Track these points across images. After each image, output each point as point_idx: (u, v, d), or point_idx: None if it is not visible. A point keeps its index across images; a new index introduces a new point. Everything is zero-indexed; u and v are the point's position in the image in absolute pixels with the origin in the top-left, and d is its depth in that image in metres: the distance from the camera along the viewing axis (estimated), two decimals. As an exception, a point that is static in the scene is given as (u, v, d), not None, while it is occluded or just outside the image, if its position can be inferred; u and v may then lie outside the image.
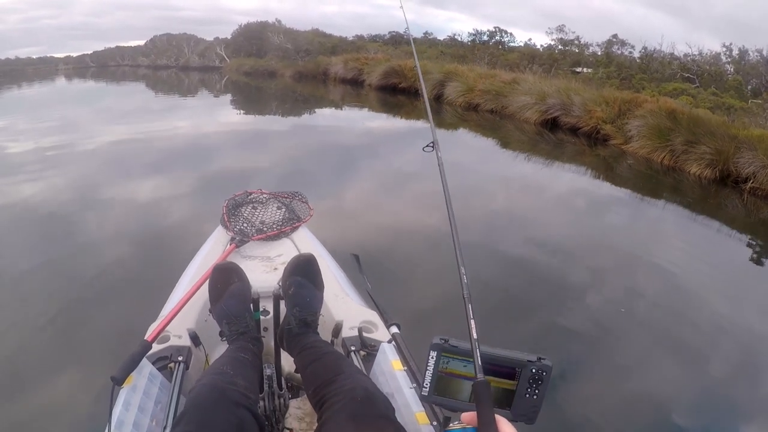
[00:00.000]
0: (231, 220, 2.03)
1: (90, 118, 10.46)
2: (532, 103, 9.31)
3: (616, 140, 7.71)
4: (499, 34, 24.83)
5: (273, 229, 2.01)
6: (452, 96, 11.63)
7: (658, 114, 7.12)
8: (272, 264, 1.79)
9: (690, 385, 2.35)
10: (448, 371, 0.75)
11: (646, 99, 8.13)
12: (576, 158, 7.41)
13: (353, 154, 6.90)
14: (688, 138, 6.42)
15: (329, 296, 1.57)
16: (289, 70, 21.86)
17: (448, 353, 0.74)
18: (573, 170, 6.70)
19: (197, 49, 35.12)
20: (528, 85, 10.01)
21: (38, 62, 49.29)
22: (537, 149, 7.78)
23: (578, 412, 2.09)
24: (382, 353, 1.33)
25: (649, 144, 6.95)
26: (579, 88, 9.32)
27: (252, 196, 2.26)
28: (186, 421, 0.90)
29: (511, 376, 0.72)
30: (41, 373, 2.12)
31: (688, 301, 3.09)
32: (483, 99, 10.72)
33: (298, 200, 2.29)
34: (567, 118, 8.72)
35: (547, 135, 8.65)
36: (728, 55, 16.47)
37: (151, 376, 1.21)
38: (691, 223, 4.84)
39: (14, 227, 3.94)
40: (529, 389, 0.71)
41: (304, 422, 1.45)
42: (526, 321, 2.73)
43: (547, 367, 0.71)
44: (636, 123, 7.35)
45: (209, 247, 1.94)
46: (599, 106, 8.26)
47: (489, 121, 10.01)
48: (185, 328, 1.44)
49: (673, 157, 6.60)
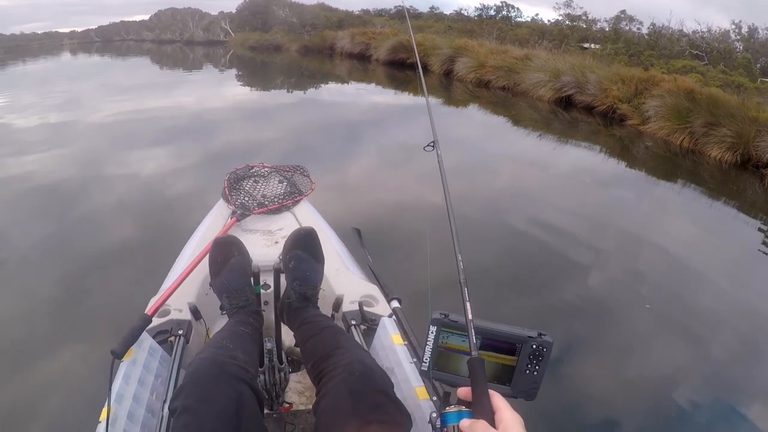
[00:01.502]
0: (232, 194, 2.03)
1: (94, 93, 10.47)
2: (546, 81, 9.12)
3: (632, 120, 7.54)
4: (506, 9, 24.80)
5: (274, 203, 2.01)
6: (462, 72, 11.45)
7: (676, 94, 6.94)
8: (273, 238, 1.79)
9: (701, 368, 2.36)
10: (448, 346, 0.75)
11: (664, 78, 7.91)
12: (590, 138, 7.28)
13: (357, 129, 6.88)
14: (708, 120, 6.24)
15: (330, 270, 1.57)
16: (295, 45, 21.64)
17: (448, 328, 0.74)
18: (587, 150, 6.60)
19: (202, 24, 34.94)
20: (541, 61, 9.79)
21: (43, 37, 49.63)
22: (550, 128, 7.65)
23: (581, 390, 2.10)
24: (382, 327, 1.33)
25: (668, 125, 6.76)
26: (594, 65, 9.10)
27: (254, 170, 2.26)
28: (185, 395, 0.90)
29: (512, 352, 0.72)
30: (41, 347, 2.16)
31: (702, 287, 3.07)
32: (494, 75, 10.54)
33: (300, 174, 2.28)
34: (581, 96, 8.54)
35: (561, 114, 8.50)
36: (737, 32, 16.37)
37: (151, 349, 1.22)
38: (708, 208, 4.77)
39: (16, 201, 3.98)
40: (530, 365, 0.71)
41: (304, 396, 1.46)
42: (542, 298, 2.74)
43: (547, 343, 0.71)
44: (654, 103, 7.17)
45: (210, 221, 1.94)
46: (615, 84, 8.06)
47: (500, 98, 9.84)
48: (186, 301, 1.45)
49: (693, 140, 6.43)
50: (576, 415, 2.00)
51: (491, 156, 5.98)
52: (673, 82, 7.54)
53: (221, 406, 0.90)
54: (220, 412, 0.89)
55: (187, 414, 0.87)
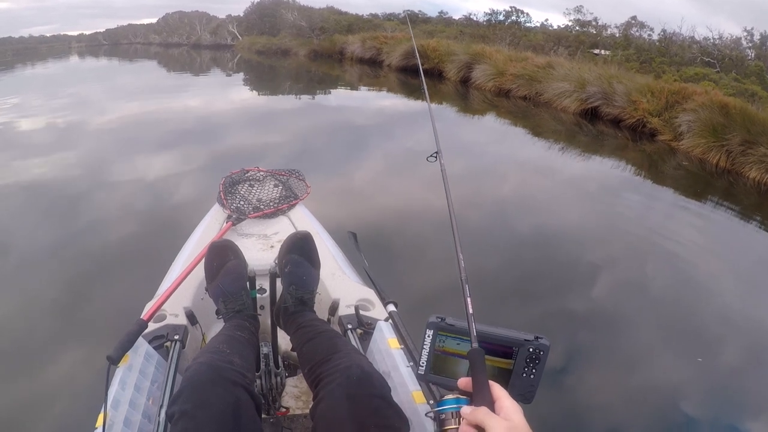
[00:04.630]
0: (228, 198, 2.13)
1: (100, 97, 10.89)
2: (571, 91, 9.16)
3: (664, 136, 7.46)
4: (516, 14, 25.48)
5: (270, 207, 2.10)
6: (481, 80, 11.56)
7: (710, 108, 6.85)
8: (269, 242, 1.87)
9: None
10: (445, 350, 0.79)
11: (695, 90, 7.82)
12: (618, 153, 7.18)
13: (361, 135, 7.10)
14: (744, 137, 6.12)
15: (326, 274, 1.64)
16: (304, 49, 22.09)
17: (445, 332, 0.78)
18: (615, 167, 6.51)
19: (209, 27, 35.90)
20: (564, 70, 9.84)
21: (51, 40, 52.08)
22: (575, 141, 7.63)
23: (584, 399, 2.15)
24: (378, 331, 1.38)
25: (703, 143, 6.64)
26: (621, 75, 9.10)
27: (249, 174, 2.36)
28: (182, 399, 0.95)
29: (509, 355, 0.76)
30: (37, 353, 2.23)
31: (737, 323, 3.04)
32: (515, 84, 10.60)
33: (296, 178, 2.38)
34: (608, 108, 8.54)
35: (585, 126, 8.50)
36: (749, 39, 16.71)
37: (147, 355, 1.27)
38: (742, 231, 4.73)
39: (9, 204, 4.11)
40: (526, 368, 0.75)
41: (300, 401, 1.52)
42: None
43: (544, 347, 0.75)
44: (687, 117, 7.07)
45: (206, 226, 2.03)
46: (644, 96, 8.02)
47: (521, 108, 9.89)
48: (181, 306, 1.51)
49: (729, 159, 6.30)
50: (578, 424, 2.03)
51: (504, 167, 6.03)
52: (706, 95, 7.46)
53: (219, 410, 0.95)
54: (218, 417, 0.94)
55: (185, 419, 0.92)
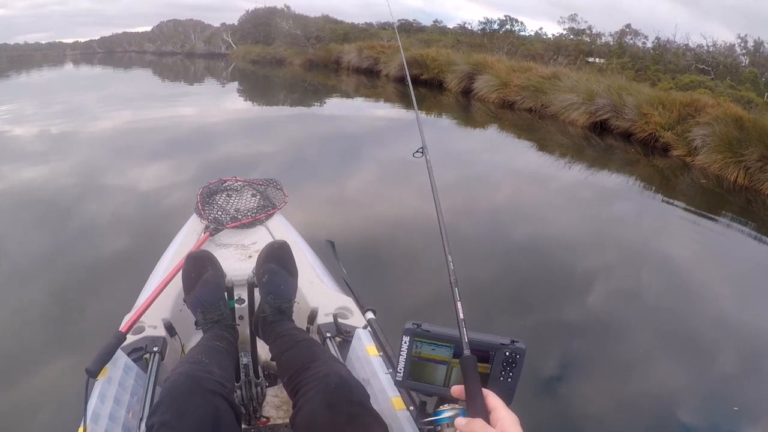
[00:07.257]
0: (205, 209, 2.19)
1: (93, 106, 11.17)
2: (579, 103, 9.23)
3: (678, 151, 7.44)
4: (510, 23, 26.54)
5: (247, 217, 2.18)
6: (484, 91, 11.65)
7: (724, 121, 6.85)
8: (247, 252, 1.93)
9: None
10: (422, 356, 0.84)
11: (708, 102, 7.84)
12: (628, 169, 7.10)
13: (348, 145, 7.38)
14: (763, 153, 6.09)
15: (304, 283, 1.70)
16: (299, 58, 22.48)
17: (421, 338, 0.83)
18: (626, 183, 6.50)
19: (203, 36, 36.71)
20: (571, 81, 9.92)
21: (46, 48, 53.93)
22: (583, 155, 7.67)
23: (577, 408, 2.22)
24: (357, 339, 1.44)
25: (719, 158, 6.59)
26: (631, 86, 9.17)
27: (226, 184, 2.44)
28: (162, 410, 0.99)
29: (485, 360, 0.80)
30: (12, 367, 2.26)
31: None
32: (520, 96, 10.70)
33: (273, 187, 2.46)
34: (618, 121, 8.59)
35: (594, 140, 8.57)
36: (743, 46, 17.49)
37: (126, 367, 1.32)
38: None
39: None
40: (503, 372, 0.79)
41: (281, 410, 1.57)
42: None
43: (520, 350, 0.79)
44: (701, 131, 7.04)
45: (183, 236, 2.09)
46: (656, 109, 8.05)
47: (526, 121, 9.98)
48: (160, 318, 1.56)
49: (747, 176, 6.24)
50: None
51: (512, 180, 6.12)
52: (719, 107, 7.49)
53: (198, 420, 0.99)
54: (197, 427, 0.98)
55: (164, 429, 0.96)
